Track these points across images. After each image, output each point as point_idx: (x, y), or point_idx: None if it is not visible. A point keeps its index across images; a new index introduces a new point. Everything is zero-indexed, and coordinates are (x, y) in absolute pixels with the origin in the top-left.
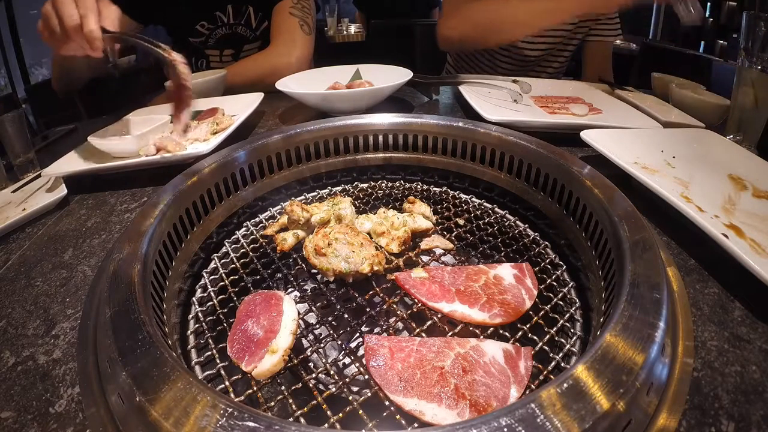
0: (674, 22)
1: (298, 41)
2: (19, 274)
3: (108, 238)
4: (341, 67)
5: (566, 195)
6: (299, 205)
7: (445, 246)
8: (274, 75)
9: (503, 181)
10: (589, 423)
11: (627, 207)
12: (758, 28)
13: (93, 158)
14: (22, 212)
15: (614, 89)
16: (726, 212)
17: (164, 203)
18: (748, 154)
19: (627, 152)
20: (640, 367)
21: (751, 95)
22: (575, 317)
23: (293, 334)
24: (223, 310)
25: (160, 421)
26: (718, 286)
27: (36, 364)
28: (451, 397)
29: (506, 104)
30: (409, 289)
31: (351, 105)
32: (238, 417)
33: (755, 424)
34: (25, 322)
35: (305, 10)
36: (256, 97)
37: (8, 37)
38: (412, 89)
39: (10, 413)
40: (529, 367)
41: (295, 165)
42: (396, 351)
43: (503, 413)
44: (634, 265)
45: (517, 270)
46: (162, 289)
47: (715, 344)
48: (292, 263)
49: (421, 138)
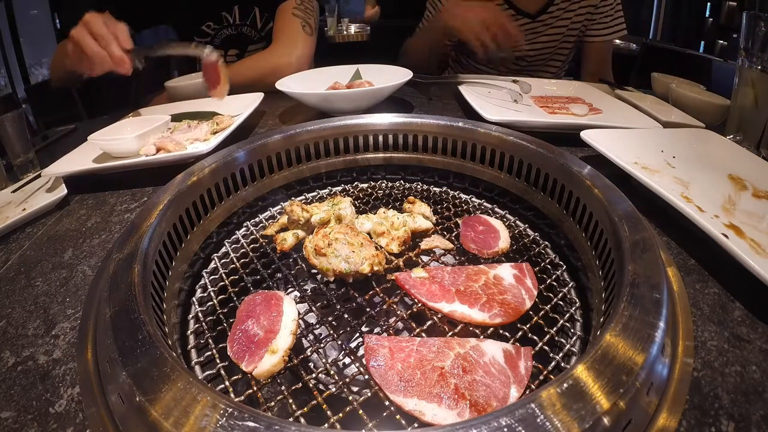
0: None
1: (299, 41)
2: (19, 274)
3: (108, 238)
4: (341, 67)
5: (566, 195)
6: (299, 205)
7: (445, 246)
8: (274, 75)
9: (503, 181)
10: (589, 423)
11: (627, 207)
12: (758, 28)
13: (93, 158)
14: (22, 212)
15: (614, 89)
16: (726, 212)
17: (164, 203)
18: (748, 154)
19: (627, 152)
20: (640, 367)
21: (751, 95)
22: (575, 317)
23: (293, 334)
24: (223, 310)
25: (160, 421)
26: (718, 286)
27: (36, 364)
28: (451, 397)
29: (506, 104)
30: (409, 289)
31: (351, 105)
32: (238, 417)
33: (755, 424)
34: (25, 322)
35: (308, 11)
36: (256, 97)
37: (8, 37)
38: (412, 89)
39: (10, 413)
40: (529, 367)
41: (295, 165)
42: (396, 351)
43: (503, 413)
44: (634, 265)
45: (517, 270)
46: (162, 289)
47: (715, 344)
48: (292, 263)
49: (421, 138)
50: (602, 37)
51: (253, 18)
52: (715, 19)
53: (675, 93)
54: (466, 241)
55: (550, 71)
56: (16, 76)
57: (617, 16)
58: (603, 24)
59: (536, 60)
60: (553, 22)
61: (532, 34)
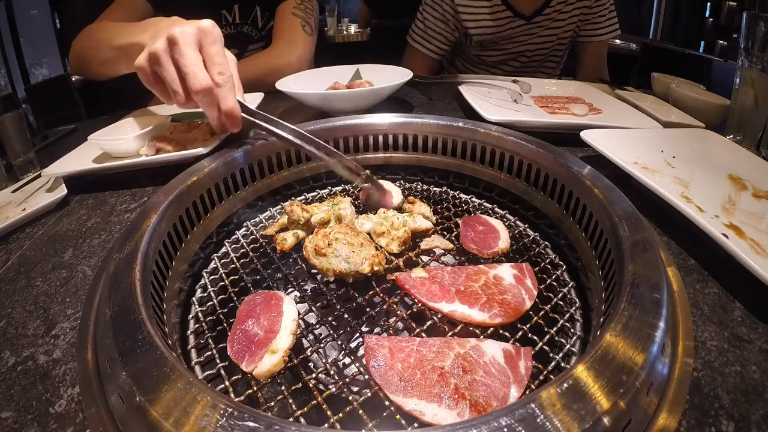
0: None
1: (299, 41)
2: (19, 274)
3: (108, 238)
4: (341, 67)
5: (566, 195)
6: (299, 205)
7: (445, 246)
8: (274, 75)
9: (503, 181)
10: (589, 423)
11: (627, 207)
12: (758, 28)
13: (93, 158)
14: (22, 212)
15: (614, 89)
16: (726, 212)
17: (164, 203)
18: (748, 154)
19: (627, 152)
20: (640, 367)
21: (751, 95)
22: (575, 317)
23: (293, 334)
24: (223, 310)
25: (160, 421)
26: (718, 286)
27: (36, 364)
28: (451, 397)
29: (506, 104)
30: (409, 289)
31: (351, 105)
32: (238, 417)
33: (755, 424)
34: (25, 322)
35: (308, 11)
36: (256, 97)
37: (8, 37)
38: (412, 89)
39: (10, 413)
40: (529, 367)
41: (295, 165)
42: (396, 351)
43: (503, 413)
44: (634, 265)
45: (517, 270)
46: (162, 289)
47: (715, 344)
48: (292, 263)
49: (421, 138)
50: (597, 38)
51: (254, 17)
52: (715, 19)
53: (675, 93)
54: (466, 241)
55: (544, 72)
56: (16, 76)
57: (611, 17)
58: (597, 24)
59: (531, 62)
60: (548, 24)
61: (526, 36)
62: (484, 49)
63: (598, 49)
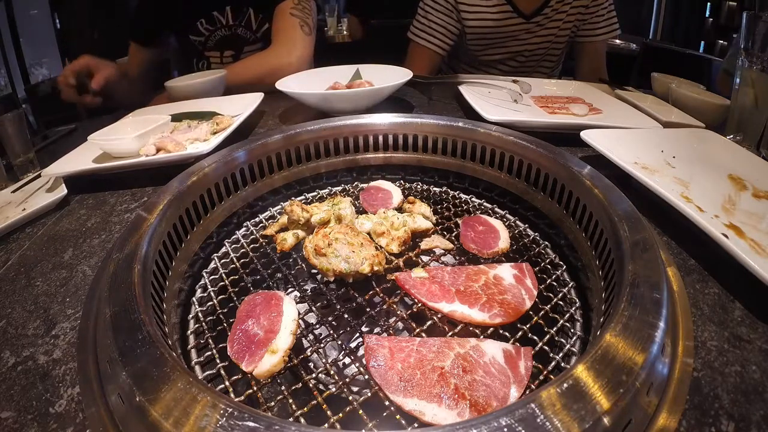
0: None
1: (299, 41)
2: (19, 274)
3: (108, 238)
4: (341, 67)
5: (566, 195)
6: (299, 205)
7: (445, 246)
8: (274, 75)
9: (503, 181)
10: (589, 423)
11: (627, 207)
12: (758, 28)
13: (93, 158)
14: (22, 212)
15: (614, 89)
16: (726, 212)
17: (164, 203)
18: (748, 154)
19: (627, 152)
20: (640, 367)
21: (751, 95)
22: (575, 317)
23: (293, 334)
24: (223, 310)
25: (160, 421)
26: (718, 286)
27: (36, 364)
28: (451, 397)
29: (506, 104)
30: (409, 289)
31: (351, 105)
32: (238, 417)
33: (755, 424)
34: (25, 322)
35: (306, 11)
36: (256, 97)
37: (8, 37)
38: (412, 89)
39: (10, 413)
40: (529, 367)
41: (295, 165)
42: (396, 351)
43: (503, 413)
44: (634, 265)
45: (517, 270)
46: (162, 289)
47: (715, 344)
48: (292, 263)
49: (421, 138)
50: (595, 38)
51: (247, 19)
52: (715, 19)
53: (675, 93)
54: (466, 241)
55: (542, 72)
56: (16, 76)
57: (610, 17)
58: (595, 24)
59: (528, 61)
60: (546, 23)
61: (525, 35)
62: (481, 47)
63: (597, 49)
